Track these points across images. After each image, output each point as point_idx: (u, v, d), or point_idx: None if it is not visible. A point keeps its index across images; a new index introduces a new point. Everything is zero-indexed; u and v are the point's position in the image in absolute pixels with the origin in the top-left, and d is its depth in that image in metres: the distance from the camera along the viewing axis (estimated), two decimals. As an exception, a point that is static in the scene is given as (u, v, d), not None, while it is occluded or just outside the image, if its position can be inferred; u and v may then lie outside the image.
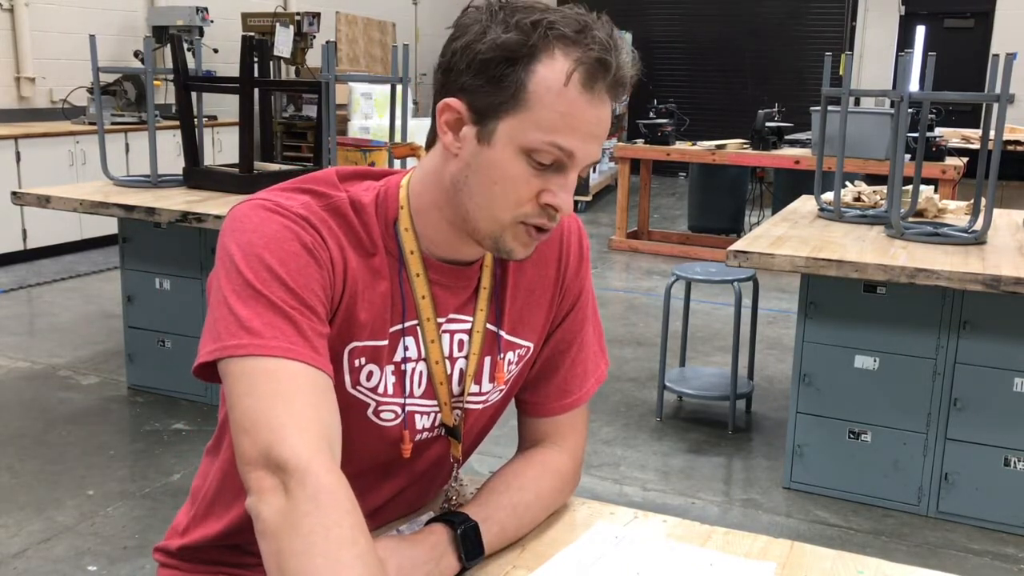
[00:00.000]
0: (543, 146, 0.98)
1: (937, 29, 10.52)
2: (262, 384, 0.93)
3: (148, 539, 2.76)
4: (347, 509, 0.89)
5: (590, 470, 3.36)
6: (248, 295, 0.96)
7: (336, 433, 0.96)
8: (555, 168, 1.01)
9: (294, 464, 0.88)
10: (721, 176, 7.39)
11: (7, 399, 3.93)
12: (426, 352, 1.13)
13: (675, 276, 3.85)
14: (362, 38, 9.55)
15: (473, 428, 1.24)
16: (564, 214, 1.03)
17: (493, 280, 1.17)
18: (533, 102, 0.98)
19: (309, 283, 0.99)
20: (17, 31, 6.66)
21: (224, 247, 1.01)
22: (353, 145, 4.24)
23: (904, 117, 3.09)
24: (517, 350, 1.20)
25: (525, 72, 0.97)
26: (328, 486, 0.89)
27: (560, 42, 0.97)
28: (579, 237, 1.24)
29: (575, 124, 0.98)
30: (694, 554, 1.15)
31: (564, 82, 0.97)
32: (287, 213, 1.02)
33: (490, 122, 1.00)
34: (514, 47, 0.97)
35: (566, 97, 0.97)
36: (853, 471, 3.11)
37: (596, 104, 0.99)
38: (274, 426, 0.91)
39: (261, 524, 0.89)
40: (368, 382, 1.10)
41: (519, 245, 1.05)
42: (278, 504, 0.88)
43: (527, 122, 0.98)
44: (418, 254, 1.10)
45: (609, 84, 0.99)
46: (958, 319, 2.90)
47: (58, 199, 3.72)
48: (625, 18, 11.47)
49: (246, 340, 0.94)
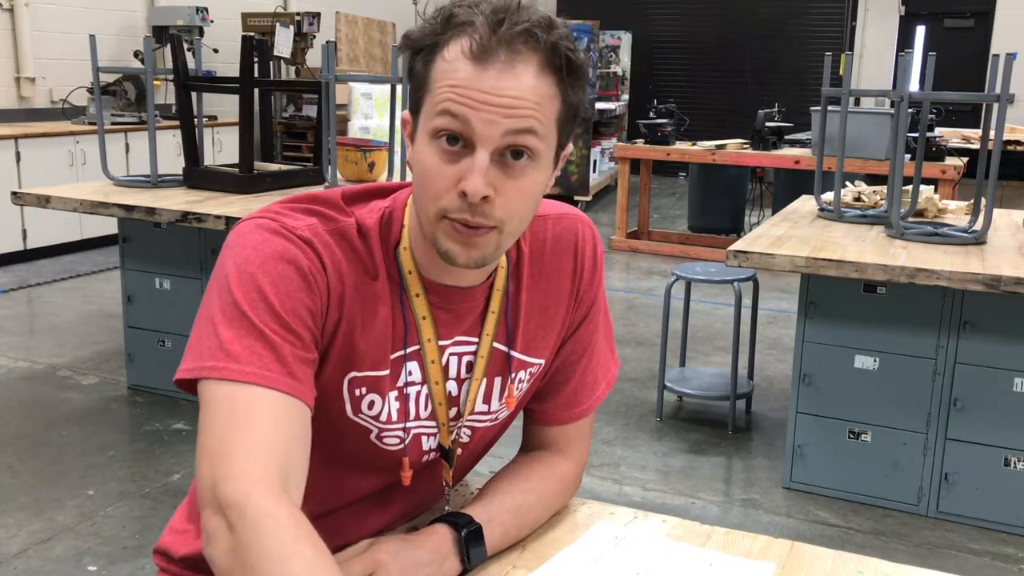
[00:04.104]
0: (440, 124, 0.95)
1: (937, 29, 10.51)
2: (223, 412, 0.93)
3: (148, 539, 2.76)
4: (288, 525, 0.87)
5: (590, 470, 3.36)
6: (234, 315, 0.96)
7: (296, 462, 0.94)
8: (466, 150, 0.95)
9: (234, 499, 0.88)
10: (721, 176, 7.39)
11: (7, 399, 3.93)
12: (426, 373, 1.11)
13: (675, 276, 3.85)
14: (362, 38, 9.55)
15: (479, 444, 1.22)
16: (472, 198, 0.94)
17: (504, 302, 1.14)
18: (434, 86, 0.96)
19: (297, 308, 0.98)
20: (17, 31, 6.66)
21: (222, 263, 1.01)
22: (353, 145, 4.24)
23: (904, 117, 3.09)
24: (530, 368, 1.18)
25: (429, 62, 0.97)
26: (267, 511, 0.87)
27: (455, 27, 0.96)
28: (593, 244, 1.20)
29: (465, 95, 0.94)
30: (694, 554, 1.15)
31: (449, 56, 0.95)
32: (289, 235, 1.00)
33: (416, 119, 1.00)
34: (416, 38, 0.98)
35: (455, 69, 0.95)
36: (853, 471, 3.11)
37: (488, 69, 0.94)
38: (222, 459, 0.90)
39: (215, 568, 0.88)
40: (370, 411, 1.09)
41: (454, 245, 0.99)
42: (224, 544, 0.87)
43: (431, 105, 0.97)
44: (416, 274, 1.07)
45: (502, 43, 0.94)
46: (958, 319, 2.90)
47: (58, 199, 3.72)
48: (625, 18, 11.48)
49: (222, 363, 0.95)
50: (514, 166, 0.97)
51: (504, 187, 0.96)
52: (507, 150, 0.96)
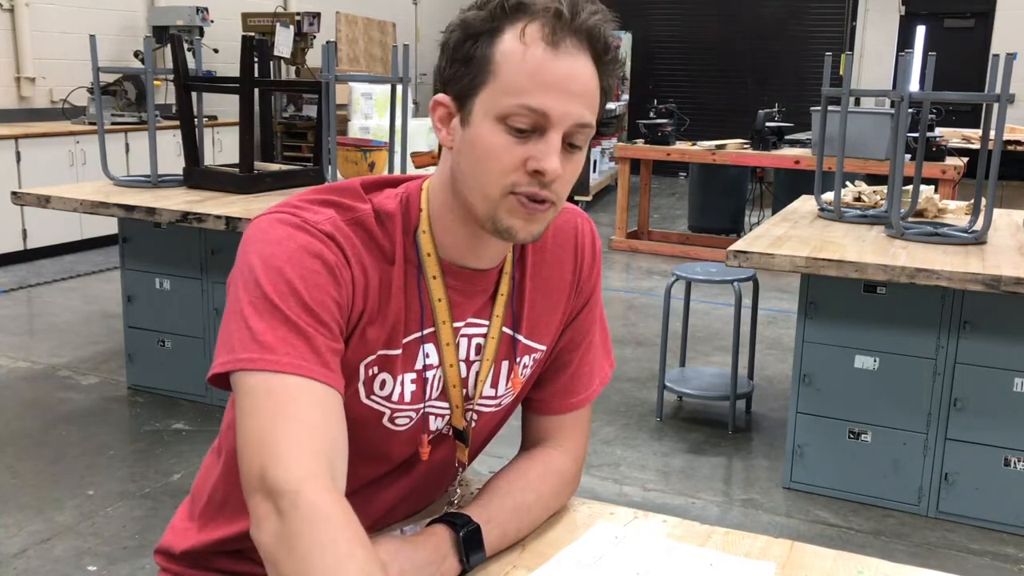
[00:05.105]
0: (515, 109, 0.98)
1: (937, 29, 10.51)
2: (266, 402, 0.94)
3: (148, 539, 2.76)
4: (342, 525, 0.88)
5: (590, 470, 3.36)
6: (265, 308, 0.97)
7: (339, 450, 0.96)
8: (536, 133, 1.00)
9: (286, 487, 0.89)
10: (721, 176, 7.39)
11: (7, 399, 3.93)
12: (442, 355, 1.13)
13: (675, 276, 3.85)
14: (362, 38, 9.56)
15: (483, 431, 1.24)
16: (550, 177, 1.00)
17: (512, 285, 1.17)
18: (500, 70, 0.99)
19: (326, 301, 1.00)
20: (17, 31, 6.66)
21: (245, 257, 1.02)
22: (353, 145, 4.24)
23: (904, 117, 3.09)
24: (534, 354, 1.21)
25: (490, 45, 1.00)
26: (322, 505, 0.88)
27: (517, 11, 0.99)
28: (592, 238, 1.25)
29: (542, 81, 0.98)
30: (694, 554, 1.15)
31: (523, 41, 0.98)
32: (312, 230, 1.02)
33: (468, 103, 1.02)
34: (476, 23, 1.01)
35: (529, 56, 0.98)
36: (853, 471, 3.11)
37: (562, 57, 0.98)
38: (271, 448, 0.91)
39: (262, 551, 0.90)
40: (382, 391, 1.11)
41: (517, 220, 1.03)
42: (273, 529, 0.89)
43: (497, 90, 0.99)
44: (435, 256, 1.10)
45: (572, 32, 0.99)
46: (958, 319, 2.90)
47: (58, 199, 3.72)
48: (625, 18, 11.47)
49: (258, 355, 0.95)
50: (570, 150, 1.03)
51: (563, 167, 1.02)
52: (568, 137, 1.01)
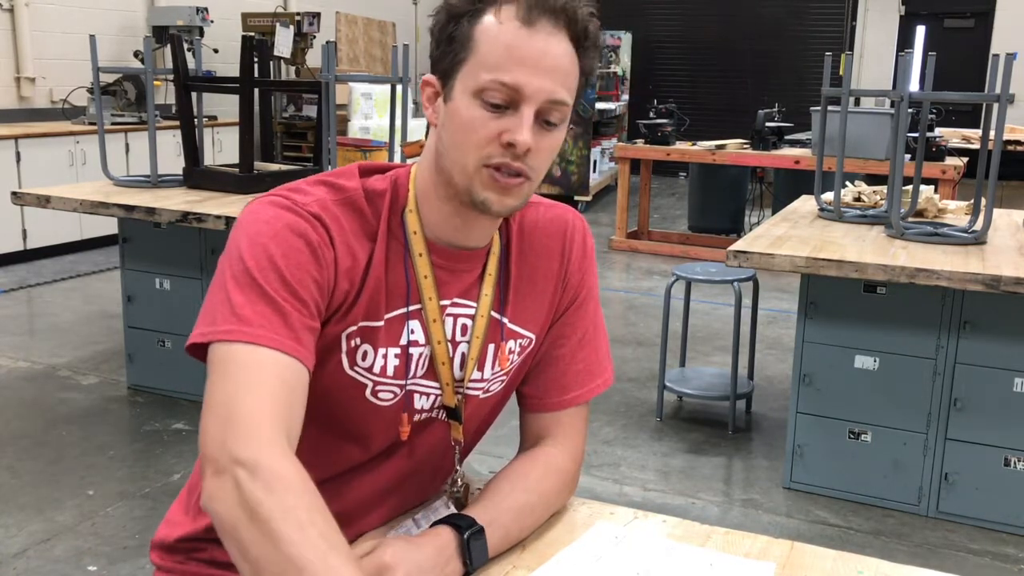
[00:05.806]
0: (489, 84, 1.03)
1: (937, 29, 10.51)
2: (234, 372, 0.97)
3: (148, 539, 2.73)
4: (301, 491, 0.91)
5: (590, 470, 3.36)
6: (246, 283, 1.02)
7: (296, 422, 0.99)
8: (510, 109, 1.04)
9: (245, 456, 0.91)
10: (721, 176, 7.39)
11: (7, 399, 3.93)
12: (428, 333, 1.15)
13: (675, 276, 3.85)
14: (362, 38, 9.56)
15: (473, 419, 1.24)
16: (521, 148, 1.04)
17: (499, 267, 1.20)
18: (478, 47, 1.05)
19: (305, 279, 1.04)
20: (17, 31, 6.66)
21: (234, 236, 1.07)
22: (353, 145, 4.25)
23: (904, 117, 3.09)
24: (519, 339, 1.22)
25: (471, 25, 1.05)
26: (281, 472, 0.91)
27: None
28: (583, 235, 1.27)
29: (516, 56, 1.03)
30: (694, 554, 1.15)
31: (500, 19, 1.03)
32: (299, 210, 1.07)
33: (451, 80, 1.07)
34: (459, 5, 1.06)
35: (504, 33, 1.03)
36: (853, 471, 3.11)
37: (537, 35, 1.03)
38: (233, 415, 0.94)
39: (219, 522, 0.91)
40: (364, 362, 1.13)
41: (491, 193, 1.07)
42: (232, 498, 0.90)
43: (475, 66, 1.04)
44: (421, 234, 1.14)
45: (548, 12, 1.03)
46: (958, 319, 2.90)
47: (58, 199, 3.72)
48: (625, 18, 11.47)
49: (235, 327, 0.99)
50: (545, 125, 1.07)
51: (538, 143, 1.06)
52: (542, 113, 1.05)
